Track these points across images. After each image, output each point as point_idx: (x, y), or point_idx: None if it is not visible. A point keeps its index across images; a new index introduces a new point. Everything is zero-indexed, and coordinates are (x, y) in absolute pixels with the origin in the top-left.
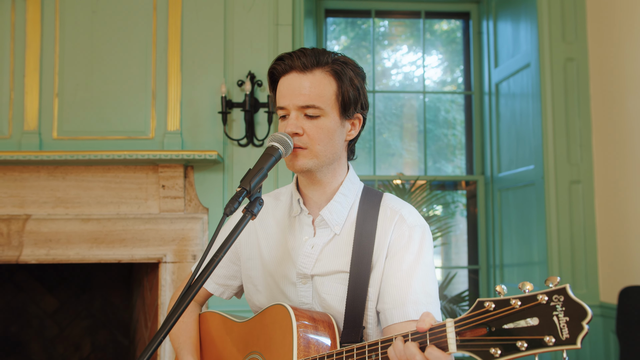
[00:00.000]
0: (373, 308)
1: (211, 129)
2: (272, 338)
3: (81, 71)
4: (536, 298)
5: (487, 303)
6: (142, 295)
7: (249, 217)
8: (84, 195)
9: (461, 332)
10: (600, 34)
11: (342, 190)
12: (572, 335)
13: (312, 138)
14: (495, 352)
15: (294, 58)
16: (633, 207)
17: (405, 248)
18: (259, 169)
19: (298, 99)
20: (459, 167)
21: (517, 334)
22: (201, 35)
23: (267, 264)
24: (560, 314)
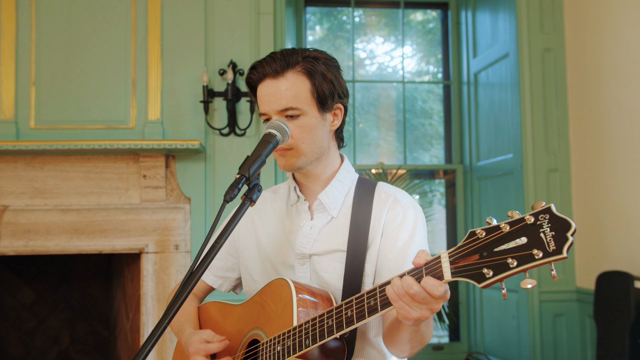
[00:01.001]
0: (370, 283)
1: (192, 119)
2: (273, 311)
3: (58, 59)
4: (523, 219)
5: (479, 231)
6: (123, 287)
7: (248, 204)
8: (63, 186)
9: (455, 260)
10: (577, 24)
11: (338, 177)
12: (558, 246)
13: (296, 138)
14: (488, 273)
15: (265, 65)
16: (609, 194)
17: (400, 227)
18: (257, 156)
19: (275, 104)
20: (436, 156)
21: (507, 254)
22: (181, 24)
23: (266, 252)
24: (546, 230)
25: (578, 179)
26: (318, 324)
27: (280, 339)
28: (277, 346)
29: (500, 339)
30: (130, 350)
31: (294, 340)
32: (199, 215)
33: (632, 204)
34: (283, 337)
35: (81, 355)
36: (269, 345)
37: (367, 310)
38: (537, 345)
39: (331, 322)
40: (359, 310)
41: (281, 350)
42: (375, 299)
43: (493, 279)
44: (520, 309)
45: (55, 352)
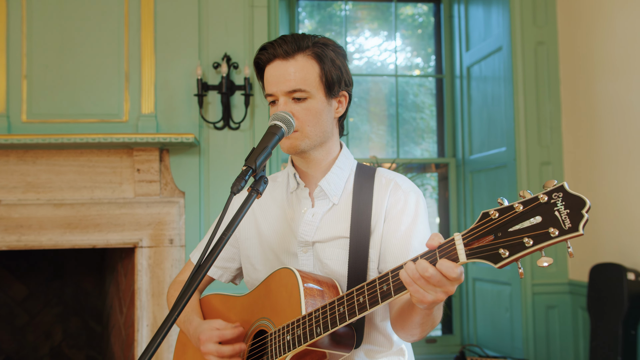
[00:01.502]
0: (374, 268)
1: (186, 112)
2: (279, 301)
3: (50, 52)
4: (537, 198)
5: (492, 212)
6: (116, 281)
7: (255, 196)
8: (56, 180)
9: (469, 242)
10: (569, 18)
11: (338, 164)
12: (574, 223)
13: (302, 120)
14: (504, 253)
15: (275, 46)
16: (601, 187)
17: (402, 211)
18: (263, 148)
19: (284, 85)
20: (427, 150)
21: (522, 233)
22: (175, 17)
23: (267, 240)
24: (561, 208)
25: (570, 172)
26: (329, 312)
27: (289, 328)
28: (286, 335)
29: (493, 332)
30: (125, 345)
31: (304, 329)
32: (194, 209)
33: (624, 197)
34: (292, 327)
35: (74, 350)
36: (278, 335)
37: (380, 295)
38: (530, 337)
39: (342, 309)
40: (372, 296)
41: (291, 339)
42: (389, 284)
43: (509, 258)
44: (513, 301)
45: (48, 348)
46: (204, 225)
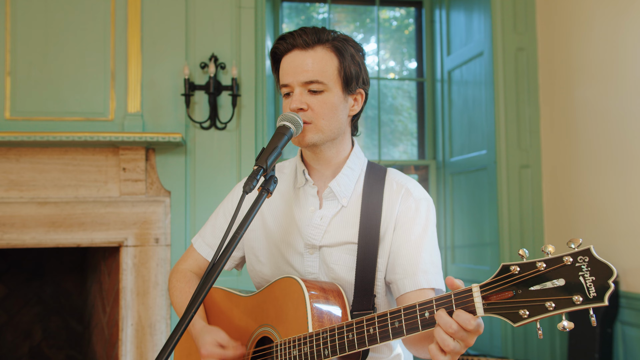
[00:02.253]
0: (382, 278)
1: (173, 111)
2: (284, 311)
3: (35, 49)
4: (562, 260)
5: (513, 267)
6: (99, 280)
7: (265, 195)
8: (40, 178)
9: (487, 296)
10: (548, 25)
11: (349, 164)
12: (599, 293)
13: (317, 113)
14: (524, 314)
15: (295, 36)
16: (578, 190)
17: (413, 220)
18: (273, 148)
19: (301, 75)
20: (406, 152)
21: (544, 295)
22: (162, 16)
23: (273, 235)
24: (586, 274)
25: (548, 175)
26: (337, 336)
27: (296, 343)
28: (292, 350)
29: None
30: (107, 344)
31: (311, 347)
32: (179, 208)
33: (600, 200)
34: (299, 342)
35: (54, 350)
36: (283, 348)
37: (392, 332)
38: (509, 336)
39: (352, 336)
40: (383, 331)
41: (297, 355)
42: (401, 322)
43: (529, 319)
44: None
45: (27, 347)
46: (190, 225)
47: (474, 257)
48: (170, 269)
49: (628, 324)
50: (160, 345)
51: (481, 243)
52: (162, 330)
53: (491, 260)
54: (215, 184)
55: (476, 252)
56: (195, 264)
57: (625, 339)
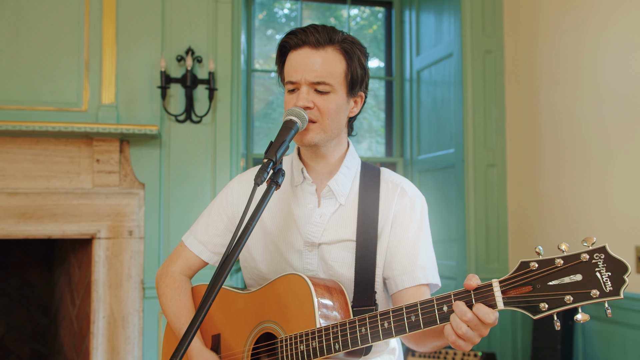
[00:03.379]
0: (380, 274)
1: (148, 104)
2: (289, 307)
3: (5, 36)
4: (579, 257)
5: (532, 263)
6: (68, 273)
7: (274, 188)
8: (10, 168)
9: (506, 290)
10: (515, 30)
11: (346, 164)
12: (615, 287)
13: (322, 112)
14: (544, 307)
15: (307, 33)
16: (541, 189)
17: (409, 218)
18: (282, 141)
19: (310, 75)
20: (370, 149)
21: (562, 290)
22: (138, 6)
23: (270, 232)
24: (602, 270)
25: (513, 173)
26: (349, 330)
27: (303, 339)
28: (300, 345)
29: None
30: (77, 337)
31: (320, 342)
32: (153, 201)
33: (561, 198)
34: (307, 337)
35: (18, 343)
36: (290, 343)
37: (408, 325)
38: None
39: (365, 330)
40: (398, 324)
41: (305, 350)
42: (417, 316)
43: (548, 312)
44: None
45: None
46: (164, 217)
47: (440, 253)
48: (144, 261)
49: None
50: (132, 337)
51: (448, 239)
52: (134, 323)
53: (457, 255)
54: (190, 177)
55: (443, 247)
56: (186, 264)
57: (585, 331)
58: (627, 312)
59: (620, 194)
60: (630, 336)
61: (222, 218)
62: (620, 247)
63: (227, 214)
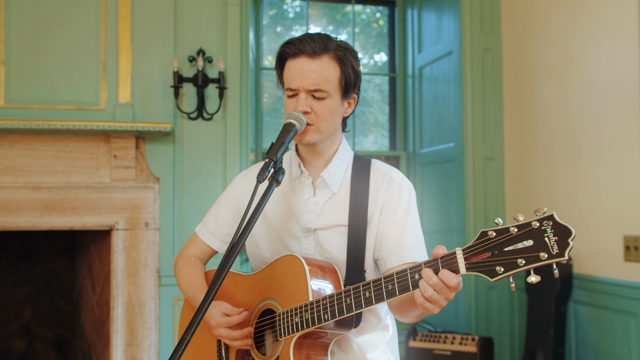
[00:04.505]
0: (371, 255)
1: (162, 102)
2: (286, 285)
3: (28, 39)
4: (530, 224)
5: (490, 232)
6: (89, 262)
7: (275, 185)
8: (34, 164)
9: (468, 257)
10: (512, 28)
11: (338, 156)
12: (561, 250)
13: (319, 116)
14: (500, 270)
15: (304, 43)
16: (537, 181)
17: (397, 203)
18: (282, 142)
19: (307, 82)
20: (376, 142)
21: (516, 254)
22: (152, 10)
23: (271, 221)
24: (550, 235)
25: (511, 166)
26: (336, 302)
27: (297, 312)
28: (294, 317)
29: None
30: (97, 322)
31: (312, 314)
32: (168, 194)
33: (555, 190)
34: (300, 310)
35: (43, 328)
36: (286, 317)
37: (386, 293)
38: (473, 314)
39: (349, 300)
40: (378, 293)
41: (299, 321)
42: (394, 284)
43: (504, 274)
44: None
45: (17, 326)
46: (178, 210)
47: (441, 242)
48: (159, 251)
49: (579, 302)
50: (149, 323)
51: (448, 229)
52: (151, 309)
53: (457, 244)
54: (201, 171)
55: (443, 237)
56: (199, 250)
57: (577, 316)
58: (616, 297)
59: (609, 185)
60: (619, 320)
61: (229, 210)
62: (610, 236)
63: (233, 206)
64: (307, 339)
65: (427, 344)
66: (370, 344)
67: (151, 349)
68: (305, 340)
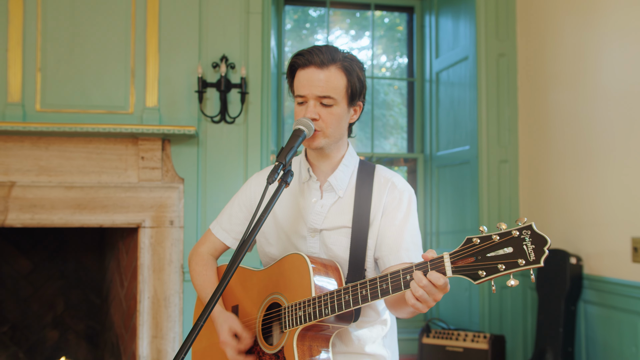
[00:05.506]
0: (371, 255)
1: (186, 106)
2: (291, 280)
3: (63, 48)
4: (511, 233)
5: (474, 239)
6: (117, 258)
7: (284, 186)
8: (67, 165)
9: (454, 261)
10: (527, 34)
11: (344, 162)
12: (537, 257)
13: (327, 123)
14: (482, 274)
15: (313, 55)
16: (550, 183)
17: (397, 208)
18: (291, 147)
19: (316, 90)
20: (396, 144)
21: (497, 260)
22: (178, 19)
23: (280, 222)
24: (528, 243)
25: (525, 169)
26: (336, 298)
27: (301, 306)
28: (298, 311)
29: (453, 309)
30: (125, 315)
31: (314, 308)
32: (192, 194)
33: (567, 193)
34: (304, 305)
35: (75, 320)
36: (290, 310)
37: (380, 292)
38: (486, 313)
39: (348, 297)
40: (373, 291)
41: (302, 315)
42: (387, 284)
43: (486, 278)
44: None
45: (51, 317)
46: (201, 209)
47: (456, 243)
48: (183, 248)
49: (590, 302)
50: (174, 316)
51: (463, 230)
52: (175, 303)
53: None
54: (224, 172)
55: (458, 238)
56: (212, 246)
57: (586, 315)
58: (624, 297)
59: (617, 188)
60: (626, 320)
61: (242, 210)
62: (618, 238)
63: (246, 206)
64: (310, 331)
65: (440, 341)
66: (368, 338)
67: (175, 340)
68: (308, 333)
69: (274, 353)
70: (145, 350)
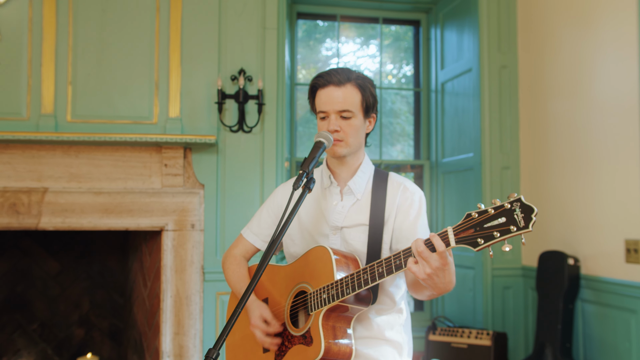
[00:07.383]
0: (387, 249)
1: (207, 116)
2: (316, 270)
3: (91, 62)
4: (503, 205)
5: (473, 213)
6: (140, 260)
7: (307, 192)
8: (95, 172)
9: (457, 233)
10: (527, 47)
11: (362, 169)
12: (526, 223)
13: (347, 133)
14: (480, 241)
15: (331, 76)
16: (549, 189)
17: (410, 206)
18: (313, 157)
19: (336, 105)
20: (403, 151)
21: (493, 229)
22: (198, 35)
23: (304, 223)
24: (518, 213)
25: (526, 175)
26: (356, 278)
27: (325, 290)
28: (323, 294)
29: (458, 308)
30: (148, 314)
31: (336, 290)
32: (212, 199)
33: (566, 197)
34: (327, 288)
35: (100, 319)
36: (316, 295)
37: (395, 266)
38: (489, 312)
39: (366, 276)
40: (388, 267)
41: (327, 297)
42: (400, 259)
43: (484, 245)
44: (476, 283)
45: (77, 316)
46: (220, 213)
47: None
48: (204, 250)
49: (587, 301)
50: (195, 314)
51: None
52: (196, 302)
53: None
54: (242, 179)
55: None
56: (244, 249)
57: (584, 313)
58: (618, 296)
59: (611, 193)
60: (620, 317)
61: (270, 215)
62: (612, 240)
63: (274, 212)
64: (334, 313)
65: (445, 338)
66: (387, 324)
67: (196, 337)
68: (332, 314)
69: (302, 334)
70: (168, 346)
